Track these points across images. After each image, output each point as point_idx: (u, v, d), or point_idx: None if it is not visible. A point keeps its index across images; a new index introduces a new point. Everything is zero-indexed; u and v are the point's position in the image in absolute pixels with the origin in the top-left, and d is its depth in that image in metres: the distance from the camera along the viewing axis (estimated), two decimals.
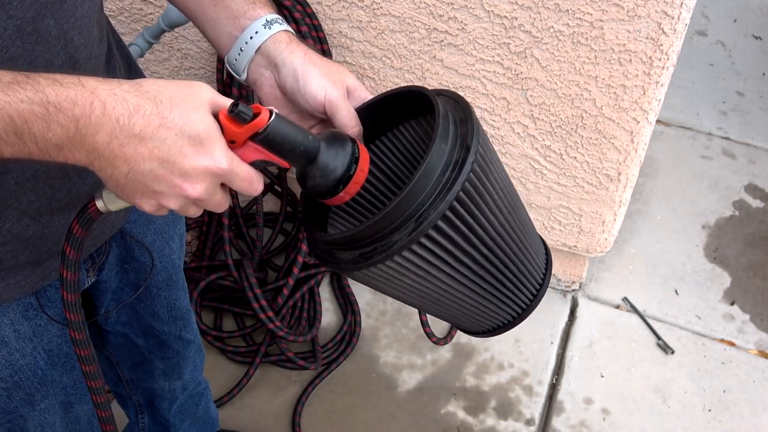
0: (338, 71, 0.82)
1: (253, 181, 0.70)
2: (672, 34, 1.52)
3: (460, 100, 0.78)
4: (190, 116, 0.64)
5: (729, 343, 2.06)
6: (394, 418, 1.88)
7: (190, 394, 1.47)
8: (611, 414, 1.90)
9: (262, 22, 0.82)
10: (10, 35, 0.70)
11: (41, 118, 0.61)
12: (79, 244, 0.74)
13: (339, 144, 0.74)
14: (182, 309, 1.26)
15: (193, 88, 0.66)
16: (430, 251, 0.73)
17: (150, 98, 0.63)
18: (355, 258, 0.74)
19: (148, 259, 1.11)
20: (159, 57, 2.05)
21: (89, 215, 0.73)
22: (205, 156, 0.65)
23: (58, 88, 0.61)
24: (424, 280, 0.76)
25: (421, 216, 0.70)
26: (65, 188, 0.85)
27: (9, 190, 0.79)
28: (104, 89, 0.62)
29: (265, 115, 0.67)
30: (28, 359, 0.94)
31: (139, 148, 0.63)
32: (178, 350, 1.31)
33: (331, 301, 2.14)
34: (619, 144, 1.75)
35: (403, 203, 0.70)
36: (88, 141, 0.62)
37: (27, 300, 0.91)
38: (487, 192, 0.74)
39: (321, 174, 0.73)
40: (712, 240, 2.33)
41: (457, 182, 0.70)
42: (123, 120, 0.62)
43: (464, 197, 0.71)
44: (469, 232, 0.74)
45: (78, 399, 1.07)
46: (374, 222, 0.71)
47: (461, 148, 0.72)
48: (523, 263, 0.83)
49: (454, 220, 0.72)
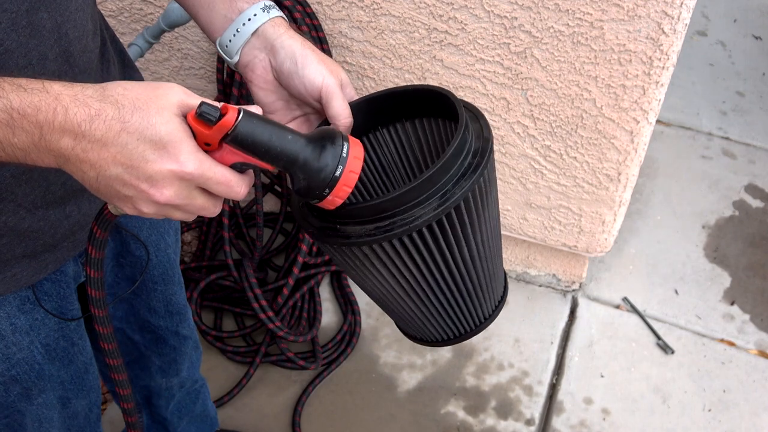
0: (334, 63, 0.83)
1: (231, 184, 0.67)
2: (672, 34, 1.52)
3: (468, 104, 0.80)
4: (152, 119, 0.63)
5: (729, 343, 2.06)
6: (394, 418, 1.88)
7: (188, 391, 1.47)
8: (611, 414, 1.90)
9: (260, 6, 0.83)
10: (4, 29, 0.70)
11: (6, 124, 0.61)
12: (100, 243, 0.78)
13: (327, 142, 0.69)
14: (178, 304, 1.26)
15: (159, 89, 0.65)
16: (414, 251, 0.74)
17: (112, 102, 0.63)
18: (369, 231, 0.71)
19: (144, 254, 1.11)
20: (159, 57, 2.05)
21: (105, 217, 0.75)
22: (169, 160, 0.63)
23: (22, 94, 0.61)
24: (394, 277, 0.78)
25: (446, 194, 0.70)
26: (60, 181, 0.86)
27: (5, 183, 0.80)
28: (67, 94, 0.62)
29: (231, 115, 0.64)
30: (25, 353, 0.95)
31: (102, 153, 0.63)
32: (174, 346, 1.31)
33: (331, 301, 2.14)
34: (619, 144, 1.75)
35: (433, 177, 0.69)
36: (53, 146, 0.62)
37: (23, 293, 0.92)
38: (482, 208, 0.76)
39: (305, 176, 0.69)
40: (712, 240, 2.33)
41: (480, 166, 0.71)
42: (84, 125, 0.62)
43: (471, 197, 0.72)
44: (450, 248, 0.75)
45: (76, 394, 1.07)
46: (400, 194, 0.69)
47: (479, 139, 0.75)
48: (479, 291, 0.84)
49: (446, 226, 0.73)
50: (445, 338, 0.89)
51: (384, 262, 0.75)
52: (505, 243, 2.15)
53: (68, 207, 0.89)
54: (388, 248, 0.73)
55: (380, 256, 0.74)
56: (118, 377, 0.85)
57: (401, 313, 0.87)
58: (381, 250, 0.73)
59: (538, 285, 2.18)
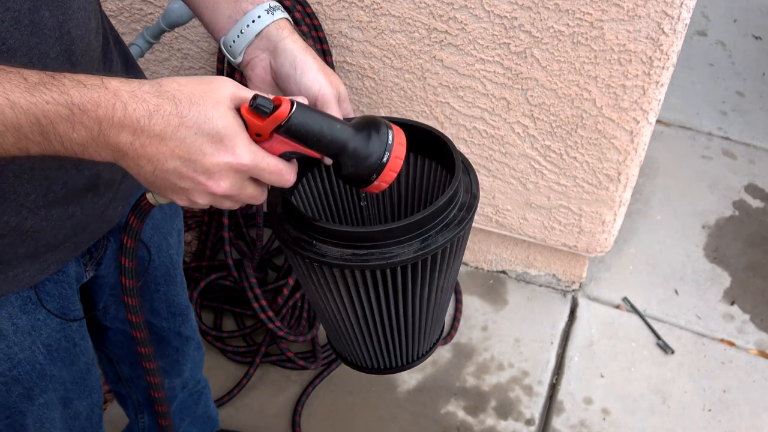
0: (334, 74, 0.84)
1: (282, 173, 0.70)
2: (672, 34, 1.52)
3: (467, 163, 0.83)
4: (209, 114, 0.65)
5: (729, 343, 2.06)
6: (394, 418, 1.88)
7: (190, 392, 1.47)
8: (611, 414, 1.90)
9: (265, 7, 0.84)
10: (7, 27, 0.71)
11: (66, 119, 0.62)
12: (135, 233, 0.80)
13: (372, 130, 0.73)
14: (181, 305, 1.26)
15: (213, 84, 0.67)
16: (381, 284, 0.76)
17: (169, 98, 0.64)
18: (345, 255, 0.74)
19: (146, 255, 1.11)
20: (159, 57, 2.05)
21: (143, 208, 0.76)
22: (226, 153, 0.66)
23: (82, 90, 0.63)
24: (352, 304, 0.80)
25: (428, 239, 0.73)
26: (61, 180, 0.86)
27: (7, 183, 0.80)
28: (126, 91, 0.64)
29: (285, 106, 0.67)
30: (27, 353, 0.95)
31: (160, 147, 0.64)
32: (177, 347, 1.31)
33: None
34: (619, 144, 1.75)
35: (421, 222, 0.72)
36: (112, 141, 0.64)
37: (25, 294, 0.92)
38: (454, 258, 0.78)
39: (353, 163, 0.72)
40: (712, 240, 2.33)
41: (465, 221, 0.74)
42: (144, 121, 0.64)
43: (448, 247, 0.75)
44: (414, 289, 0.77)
45: (77, 394, 1.07)
46: (387, 229, 0.72)
47: (467, 194, 0.77)
48: (425, 332, 0.87)
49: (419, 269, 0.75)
50: (375, 367, 0.92)
51: (348, 288, 0.77)
52: (505, 243, 2.15)
53: (71, 207, 0.89)
54: (358, 276, 0.75)
55: (347, 282, 0.76)
56: (149, 365, 0.88)
57: (342, 334, 0.89)
58: (350, 276, 0.75)
59: (538, 285, 2.18)
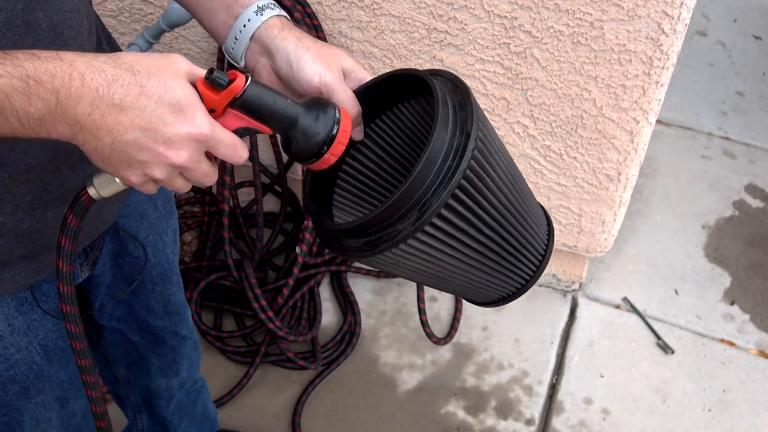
0: (332, 54, 0.82)
1: (237, 147, 0.70)
2: (672, 34, 1.52)
3: (458, 82, 0.78)
4: (168, 84, 0.65)
5: (729, 343, 2.06)
6: (394, 418, 1.88)
7: (188, 391, 1.47)
8: (611, 414, 1.90)
9: (253, 9, 0.83)
10: (0, 27, 0.70)
11: (21, 92, 0.61)
12: (74, 234, 0.75)
13: (319, 107, 0.75)
14: (177, 304, 1.26)
15: (169, 58, 0.67)
16: (435, 237, 0.74)
17: (128, 68, 0.64)
18: (361, 246, 0.75)
19: (142, 254, 1.11)
20: None
21: (82, 204, 0.74)
22: (186, 122, 0.66)
23: (36, 62, 0.62)
24: (430, 263, 0.77)
25: (425, 205, 0.71)
26: (57, 181, 0.85)
27: (2, 184, 0.80)
28: (82, 61, 0.63)
29: (240, 80, 0.68)
30: (23, 353, 0.95)
31: (120, 117, 0.64)
32: (173, 346, 1.31)
33: (331, 301, 2.14)
34: (619, 144, 1.75)
35: (406, 193, 0.70)
36: (70, 113, 0.63)
37: (22, 294, 0.92)
38: (488, 175, 0.74)
39: (303, 137, 0.74)
40: (712, 240, 2.33)
41: (458, 171, 0.70)
42: (102, 90, 0.63)
43: (466, 183, 0.72)
44: (472, 216, 0.74)
45: (74, 394, 1.07)
46: (379, 212, 0.71)
47: (461, 135, 0.72)
48: (525, 238, 0.83)
49: (457, 206, 0.72)
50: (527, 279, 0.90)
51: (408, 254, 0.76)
52: None
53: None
54: (390, 254, 0.74)
55: (392, 257, 0.76)
56: (88, 378, 0.84)
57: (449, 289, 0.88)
58: (383, 255, 0.75)
59: (538, 285, 2.18)
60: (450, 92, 0.77)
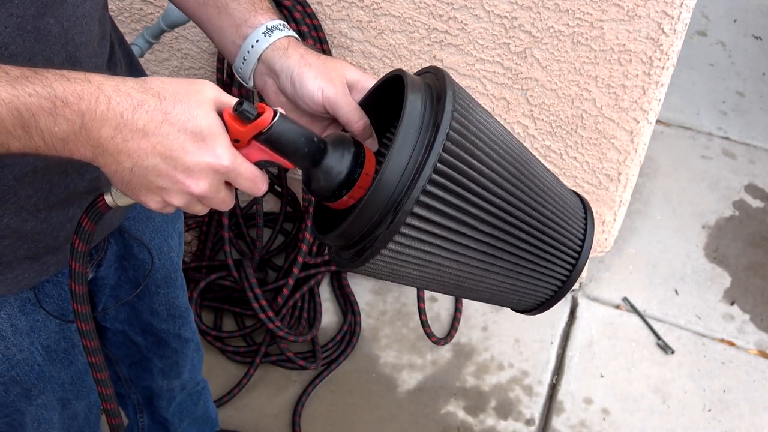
0: (336, 68, 0.81)
1: (257, 180, 0.69)
2: (672, 34, 1.52)
3: (439, 74, 0.75)
4: (193, 112, 0.65)
5: (729, 343, 2.06)
6: (394, 418, 1.88)
7: (189, 393, 1.47)
8: (611, 414, 1.90)
9: (262, 30, 0.83)
10: (10, 33, 0.70)
11: (48, 111, 0.61)
12: (88, 237, 0.75)
13: (344, 147, 0.73)
14: (181, 307, 1.26)
15: (196, 84, 0.67)
16: (419, 239, 0.70)
17: (154, 94, 0.64)
18: (351, 256, 0.74)
19: (147, 257, 1.11)
20: (159, 57, 2.05)
21: (98, 209, 0.74)
22: (207, 152, 0.65)
23: (65, 83, 0.62)
24: (430, 265, 0.74)
25: (398, 205, 0.68)
26: (63, 184, 0.85)
27: (7, 186, 0.79)
28: (109, 85, 0.63)
29: (268, 114, 0.67)
30: (26, 354, 0.95)
31: (142, 143, 0.63)
32: (176, 349, 1.31)
33: (331, 301, 2.14)
34: (619, 144, 1.75)
35: (375, 197, 0.68)
36: (93, 135, 0.63)
37: (25, 295, 0.92)
38: (472, 167, 0.70)
39: (325, 177, 0.72)
40: (712, 240, 2.33)
41: (425, 166, 0.67)
42: (127, 115, 0.63)
43: (440, 178, 0.68)
44: (459, 213, 0.70)
45: (76, 395, 1.07)
46: (353, 220, 0.70)
47: (433, 129, 0.69)
48: (549, 230, 0.78)
49: (435, 204, 0.69)
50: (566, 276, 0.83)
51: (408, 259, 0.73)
52: None
53: (71, 210, 0.89)
54: (384, 260, 0.72)
55: (385, 265, 0.74)
56: (100, 376, 0.84)
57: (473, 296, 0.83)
58: (379, 264, 0.73)
59: None
60: (432, 86, 0.74)
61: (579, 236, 0.83)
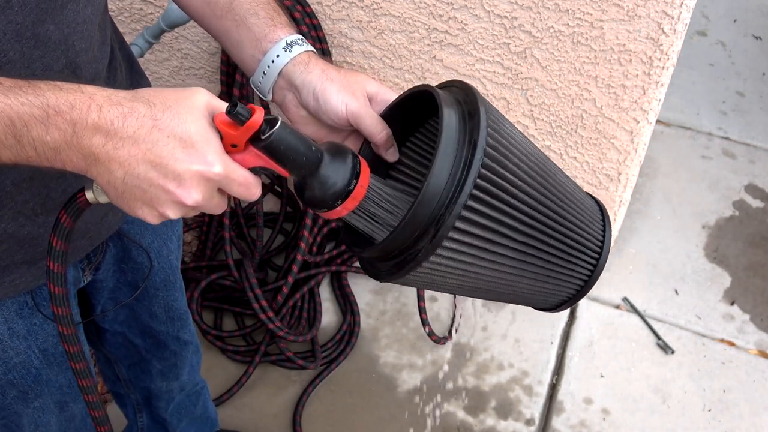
0: (357, 81, 0.82)
1: (250, 186, 0.69)
2: (672, 34, 1.52)
3: (468, 90, 0.77)
4: (182, 117, 0.64)
5: (729, 343, 2.06)
6: (394, 418, 1.88)
7: (188, 393, 1.47)
8: (611, 414, 1.90)
9: (282, 45, 0.83)
10: (9, 39, 0.71)
11: (40, 121, 0.61)
12: (66, 234, 0.73)
13: (340, 157, 0.73)
14: (180, 310, 1.26)
15: (187, 91, 0.67)
16: (459, 251, 0.73)
17: (144, 101, 0.64)
18: (389, 268, 0.75)
19: (146, 260, 1.11)
20: (159, 57, 2.05)
21: (78, 205, 0.72)
22: (197, 159, 0.64)
23: (58, 93, 0.62)
24: (467, 276, 0.76)
25: (440, 221, 0.70)
26: (60, 188, 0.85)
27: (5, 191, 0.80)
28: (101, 95, 0.63)
29: (259, 114, 0.66)
30: (22, 357, 0.95)
31: (132, 150, 0.63)
32: (175, 351, 1.31)
33: (332, 301, 2.14)
34: (619, 144, 1.75)
35: (418, 212, 0.70)
36: (85, 144, 0.63)
37: (22, 299, 0.92)
38: (507, 181, 0.73)
39: (320, 186, 0.72)
40: (712, 240, 2.33)
41: (466, 183, 0.69)
42: (117, 122, 0.63)
43: (479, 193, 0.71)
44: (496, 224, 0.73)
45: (73, 398, 1.07)
46: (395, 235, 0.71)
47: (469, 146, 0.71)
48: (571, 235, 0.81)
49: (475, 217, 0.71)
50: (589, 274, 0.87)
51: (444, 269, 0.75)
52: None
53: None
54: (424, 271, 0.74)
55: (425, 276, 0.75)
56: (84, 383, 0.81)
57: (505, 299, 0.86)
58: (417, 275, 0.75)
59: None
60: (462, 102, 0.76)
61: (599, 237, 0.87)
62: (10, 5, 0.69)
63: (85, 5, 0.79)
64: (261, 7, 0.85)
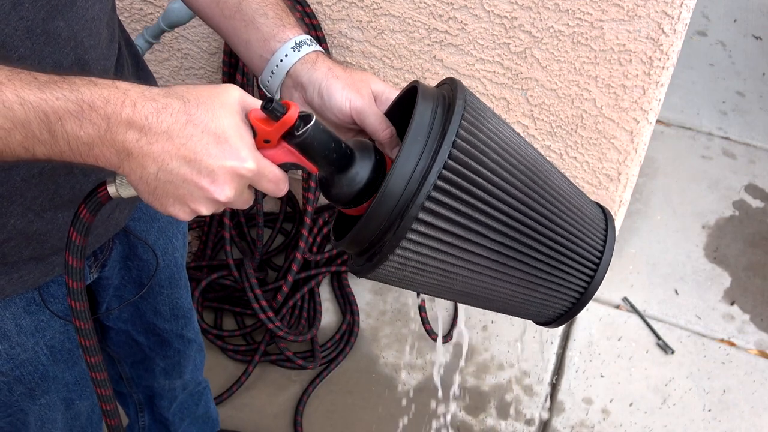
0: (362, 79, 0.83)
1: (279, 182, 0.69)
2: (672, 34, 1.52)
3: (453, 85, 0.75)
4: (216, 113, 0.64)
5: (729, 343, 2.06)
6: (394, 418, 1.88)
7: (190, 393, 1.47)
8: (611, 414, 1.90)
9: (291, 45, 0.83)
10: (20, 36, 0.71)
11: (75, 115, 0.61)
12: (85, 228, 0.73)
13: (368, 154, 0.74)
14: (184, 307, 1.26)
15: (221, 88, 0.67)
16: (427, 245, 0.71)
17: (178, 97, 0.64)
18: (363, 262, 0.75)
19: (151, 257, 1.11)
20: (159, 57, 2.05)
21: (98, 199, 0.72)
22: (231, 155, 0.65)
23: (92, 88, 0.62)
24: (438, 272, 0.74)
25: (404, 211, 0.69)
26: (69, 184, 0.86)
27: (14, 187, 0.80)
28: (136, 90, 0.64)
29: (294, 111, 0.66)
30: (30, 354, 0.95)
31: (166, 145, 0.63)
32: (179, 349, 1.31)
33: (332, 301, 2.14)
34: (619, 144, 1.75)
35: (382, 204, 0.69)
36: (119, 139, 0.63)
37: (30, 295, 0.92)
38: (478, 174, 0.71)
39: (348, 184, 0.72)
40: (712, 240, 2.33)
41: (431, 173, 0.68)
42: (152, 118, 0.63)
43: (445, 185, 0.69)
44: (467, 219, 0.71)
45: (79, 395, 1.07)
46: (362, 227, 0.71)
47: (440, 137, 0.70)
48: (561, 235, 0.77)
49: (441, 210, 0.69)
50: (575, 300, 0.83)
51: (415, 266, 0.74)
52: None
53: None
54: (395, 266, 0.73)
55: (396, 271, 0.74)
56: (97, 376, 0.82)
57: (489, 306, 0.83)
58: (390, 269, 0.74)
59: None
60: (446, 96, 0.75)
61: (598, 248, 0.82)
62: (21, 2, 0.69)
63: (93, 2, 0.79)
64: (270, 7, 0.86)
